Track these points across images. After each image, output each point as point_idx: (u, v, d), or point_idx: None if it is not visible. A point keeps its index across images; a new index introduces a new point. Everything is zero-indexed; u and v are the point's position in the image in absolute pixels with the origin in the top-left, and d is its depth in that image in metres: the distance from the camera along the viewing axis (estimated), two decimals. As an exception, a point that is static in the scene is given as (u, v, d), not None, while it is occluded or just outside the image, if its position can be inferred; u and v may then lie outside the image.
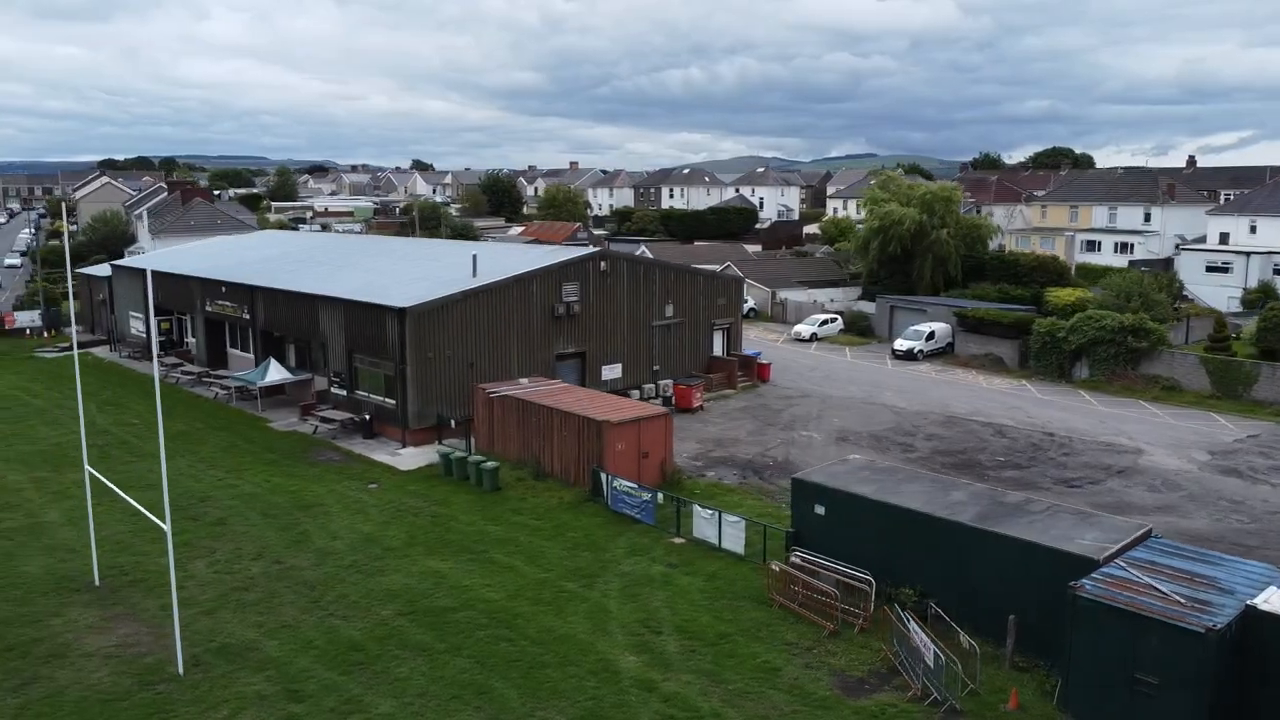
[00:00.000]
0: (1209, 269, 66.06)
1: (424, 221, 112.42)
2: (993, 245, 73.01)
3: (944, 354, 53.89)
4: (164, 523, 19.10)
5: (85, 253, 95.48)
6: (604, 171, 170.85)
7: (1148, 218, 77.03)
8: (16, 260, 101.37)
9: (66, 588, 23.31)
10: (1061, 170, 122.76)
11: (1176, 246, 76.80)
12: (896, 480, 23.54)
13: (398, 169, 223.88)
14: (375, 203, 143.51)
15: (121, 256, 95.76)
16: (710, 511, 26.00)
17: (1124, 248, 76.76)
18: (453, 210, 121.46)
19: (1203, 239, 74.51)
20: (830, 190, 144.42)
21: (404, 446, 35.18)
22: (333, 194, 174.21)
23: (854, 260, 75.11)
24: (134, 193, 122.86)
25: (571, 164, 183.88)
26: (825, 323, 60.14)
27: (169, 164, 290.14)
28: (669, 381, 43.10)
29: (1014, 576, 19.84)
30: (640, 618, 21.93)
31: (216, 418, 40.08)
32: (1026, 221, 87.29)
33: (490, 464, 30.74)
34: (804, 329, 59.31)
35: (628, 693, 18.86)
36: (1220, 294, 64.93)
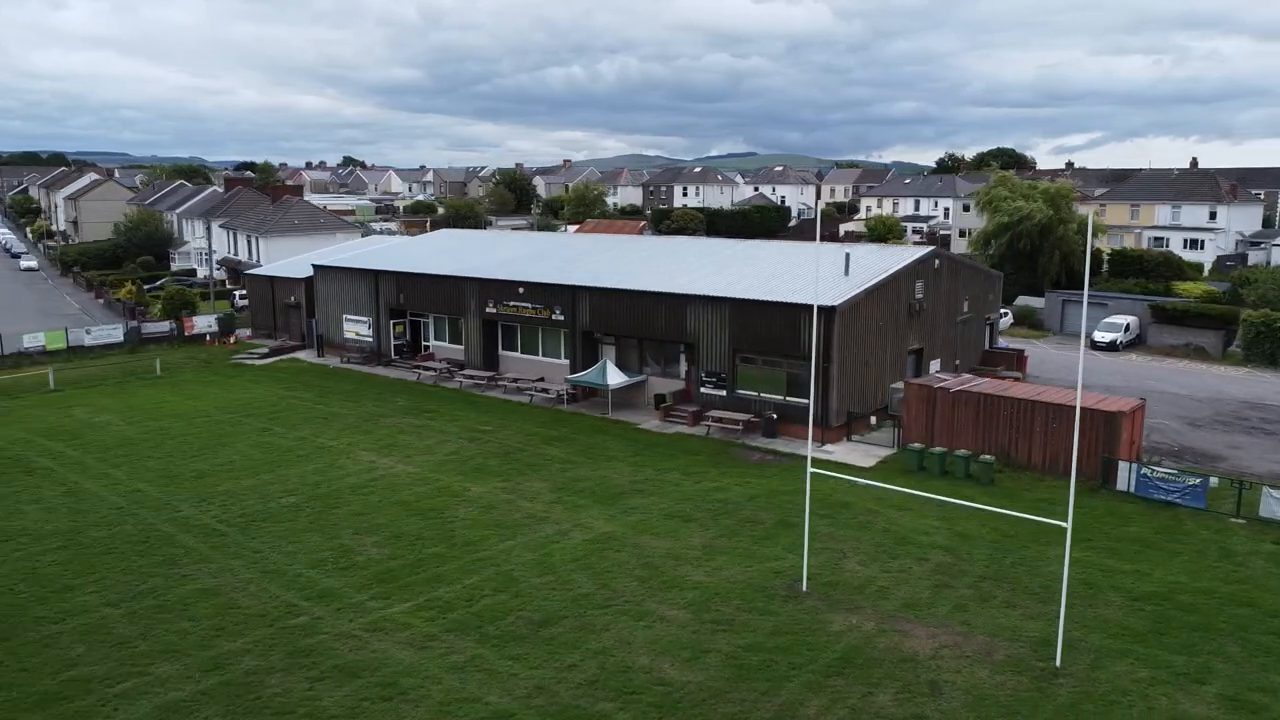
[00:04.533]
0: (1301, 262, 72.32)
1: (458, 219, 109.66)
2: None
3: (1136, 345, 57.21)
4: (1064, 521, 19.26)
5: (123, 255, 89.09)
6: (600, 170, 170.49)
7: (1213, 215, 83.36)
8: (34, 263, 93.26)
9: (777, 596, 22.82)
10: (1065, 169, 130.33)
11: (1236, 243, 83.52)
12: None
13: (337, 164, 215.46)
14: (374, 200, 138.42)
15: (167, 258, 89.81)
16: (1285, 492, 27.67)
17: (1194, 244, 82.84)
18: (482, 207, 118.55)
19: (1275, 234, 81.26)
20: (825, 189, 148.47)
21: (823, 444, 35.29)
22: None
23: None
24: (130, 191, 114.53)
25: (565, 161, 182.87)
26: (1000, 316, 62.58)
27: (60, 159, 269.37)
28: (968, 375, 44.45)
29: None
30: (1345, 592, 23.37)
31: (568, 424, 38.86)
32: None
33: (985, 458, 31.40)
34: (982, 323, 61.52)
35: None
36: (1311, 285, 71.04)
